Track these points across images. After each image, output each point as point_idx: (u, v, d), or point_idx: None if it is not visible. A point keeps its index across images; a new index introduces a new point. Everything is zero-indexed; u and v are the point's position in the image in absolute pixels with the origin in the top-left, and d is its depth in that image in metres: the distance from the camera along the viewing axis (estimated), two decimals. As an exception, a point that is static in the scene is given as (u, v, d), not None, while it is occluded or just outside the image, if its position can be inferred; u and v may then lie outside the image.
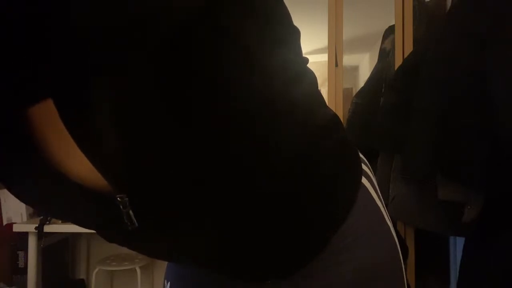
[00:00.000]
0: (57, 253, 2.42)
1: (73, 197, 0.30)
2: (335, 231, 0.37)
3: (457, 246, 1.51)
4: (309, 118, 0.34)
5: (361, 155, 0.44)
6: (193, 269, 0.46)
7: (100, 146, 0.27)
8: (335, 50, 1.59)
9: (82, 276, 2.62)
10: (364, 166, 0.42)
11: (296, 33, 0.36)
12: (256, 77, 0.29)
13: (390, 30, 1.64)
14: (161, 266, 2.57)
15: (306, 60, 0.38)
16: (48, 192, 0.31)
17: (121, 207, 0.29)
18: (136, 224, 0.30)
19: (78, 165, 0.28)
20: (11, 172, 0.31)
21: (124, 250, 2.45)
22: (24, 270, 2.07)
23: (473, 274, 1.14)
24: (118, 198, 0.29)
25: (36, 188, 0.31)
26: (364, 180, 0.41)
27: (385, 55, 1.63)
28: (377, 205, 0.41)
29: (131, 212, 0.30)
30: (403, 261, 0.42)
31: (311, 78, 0.37)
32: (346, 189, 0.39)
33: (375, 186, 0.43)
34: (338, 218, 0.38)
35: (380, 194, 0.43)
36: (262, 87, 0.29)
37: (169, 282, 0.49)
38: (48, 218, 1.98)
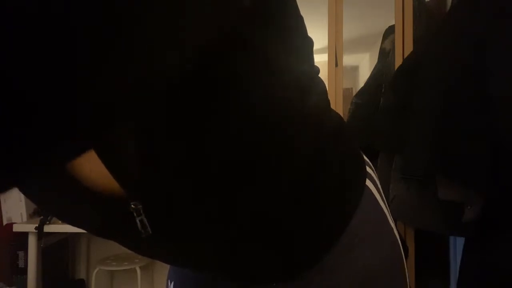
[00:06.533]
0: (57, 253, 2.41)
1: (83, 201, 0.30)
2: (339, 233, 0.38)
3: (457, 246, 1.51)
4: (318, 125, 0.35)
5: (365, 157, 0.44)
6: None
7: (118, 153, 0.27)
8: (335, 50, 1.60)
9: (82, 276, 2.61)
10: (368, 168, 0.43)
11: (310, 45, 0.38)
12: (275, 88, 0.30)
13: (390, 30, 1.64)
14: (161, 266, 2.57)
15: (317, 70, 0.39)
16: (56, 194, 0.31)
17: (134, 214, 0.29)
18: (150, 232, 0.30)
19: (90, 169, 0.28)
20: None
21: (124, 250, 2.45)
22: (24, 270, 2.06)
23: (473, 274, 1.14)
24: (132, 205, 0.29)
25: (46, 189, 0.31)
26: (368, 182, 0.41)
27: (385, 55, 1.63)
28: (380, 206, 0.42)
29: (145, 219, 0.30)
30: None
31: (322, 87, 0.39)
32: (351, 191, 0.40)
33: (378, 188, 0.43)
34: (342, 220, 0.38)
35: (383, 195, 0.44)
36: (279, 97, 0.30)
37: (172, 282, 0.50)
38: (48, 218, 1.97)
